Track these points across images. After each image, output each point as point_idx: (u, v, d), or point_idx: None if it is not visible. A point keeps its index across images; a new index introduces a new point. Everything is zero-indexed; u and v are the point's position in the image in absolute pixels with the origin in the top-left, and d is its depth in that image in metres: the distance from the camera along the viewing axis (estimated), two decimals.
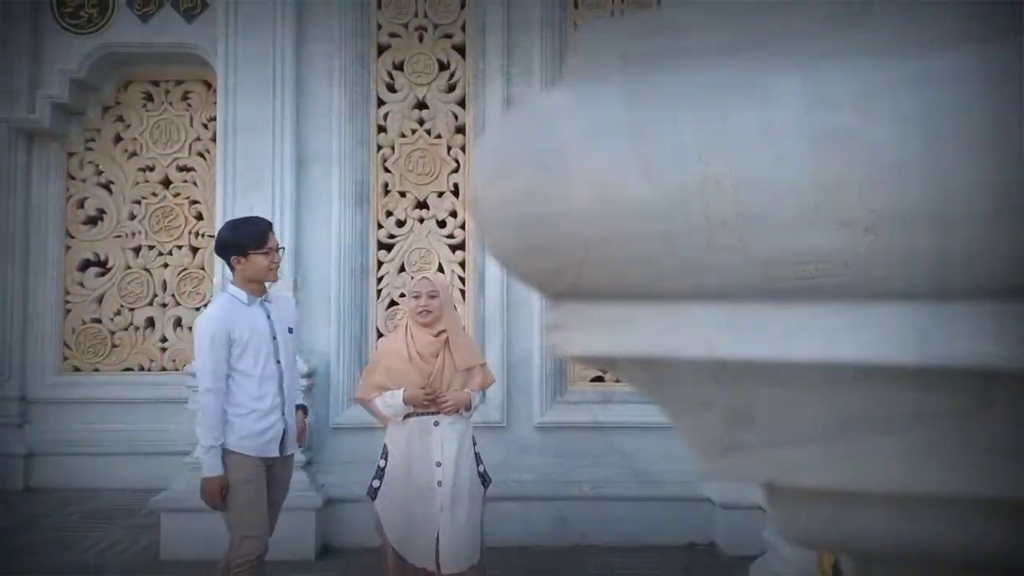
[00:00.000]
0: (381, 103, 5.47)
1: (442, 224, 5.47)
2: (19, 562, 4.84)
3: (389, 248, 5.45)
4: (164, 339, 7.14)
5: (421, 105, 5.50)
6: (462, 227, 5.46)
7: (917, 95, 0.32)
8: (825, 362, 0.35)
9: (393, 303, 5.42)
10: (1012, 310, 0.32)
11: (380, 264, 5.44)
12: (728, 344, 0.36)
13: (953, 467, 0.35)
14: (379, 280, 5.43)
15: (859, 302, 0.33)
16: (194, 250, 7.16)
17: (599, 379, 5.39)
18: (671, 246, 0.35)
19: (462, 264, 5.45)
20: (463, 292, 5.40)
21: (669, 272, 0.35)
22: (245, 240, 3.39)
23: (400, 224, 5.46)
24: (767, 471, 0.38)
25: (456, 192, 5.46)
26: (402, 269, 5.43)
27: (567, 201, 0.36)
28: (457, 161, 5.48)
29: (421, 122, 5.49)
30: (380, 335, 5.38)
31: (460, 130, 5.49)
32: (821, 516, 0.38)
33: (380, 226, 5.45)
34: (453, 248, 5.47)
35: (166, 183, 7.16)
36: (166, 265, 7.15)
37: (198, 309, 7.06)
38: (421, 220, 5.47)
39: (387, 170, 5.46)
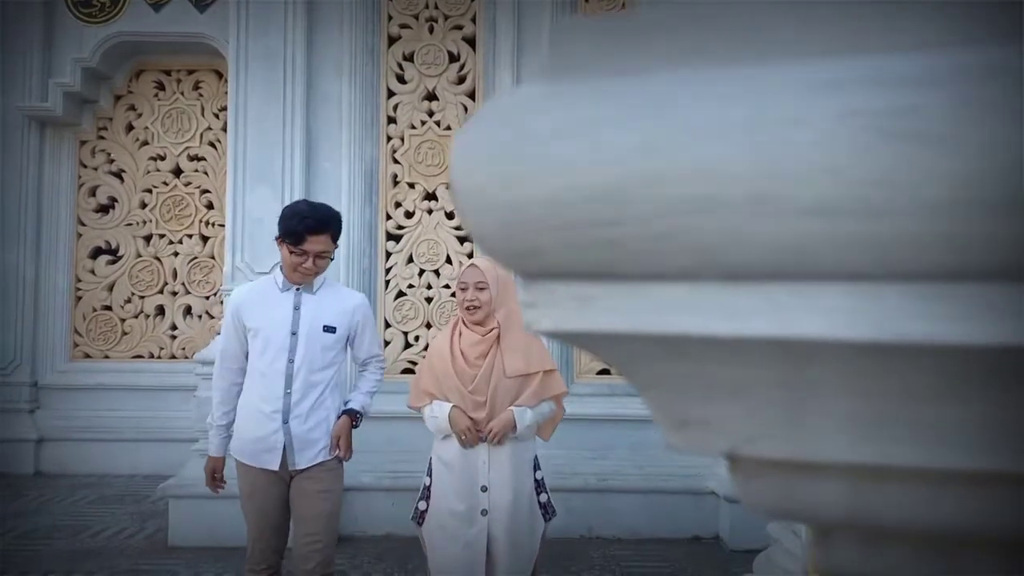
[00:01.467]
0: (391, 94, 5.49)
1: (450, 215, 5.49)
2: (28, 546, 4.90)
3: (397, 239, 5.48)
4: (174, 327, 7.19)
5: (431, 96, 5.52)
6: None
7: (920, 91, 0.34)
8: (811, 339, 0.37)
9: (401, 294, 5.45)
10: (1004, 292, 0.34)
11: (388, 255, 5.46)
12: (688, 321, 0.38)
13: (904, 438, 0.38)
14: (387, 271, 5.46)
15: (806, 283, 0.36)
16: (204, 239, 7.21)
17: (605, 371, 5.40)
18: (633, 231, 0.37)
19: (470, 255, 5.46)
20: None
21: (632, 254, 0.38)
22: (282, 229, 3.05)
23: (409, 215, 5.49)
24: (729, 442, 0.40)
25: None
26: (410, 260, 5.46)
27: (537, 188, 0.39)
28: None
29: (431, 113, 5.51)
30: (388, 326, 5.41)
31: None
32: (779, 486, 0.40)
33: (389, 217, 5.47)
34: (461, 240, 5.49)
35: (177, 172, 7.20)
36: (176, 254, 7.20)
37: (207, 298, 7.13)
38: (430, 211, 5.49)
39: (396, 161, 5.48)
